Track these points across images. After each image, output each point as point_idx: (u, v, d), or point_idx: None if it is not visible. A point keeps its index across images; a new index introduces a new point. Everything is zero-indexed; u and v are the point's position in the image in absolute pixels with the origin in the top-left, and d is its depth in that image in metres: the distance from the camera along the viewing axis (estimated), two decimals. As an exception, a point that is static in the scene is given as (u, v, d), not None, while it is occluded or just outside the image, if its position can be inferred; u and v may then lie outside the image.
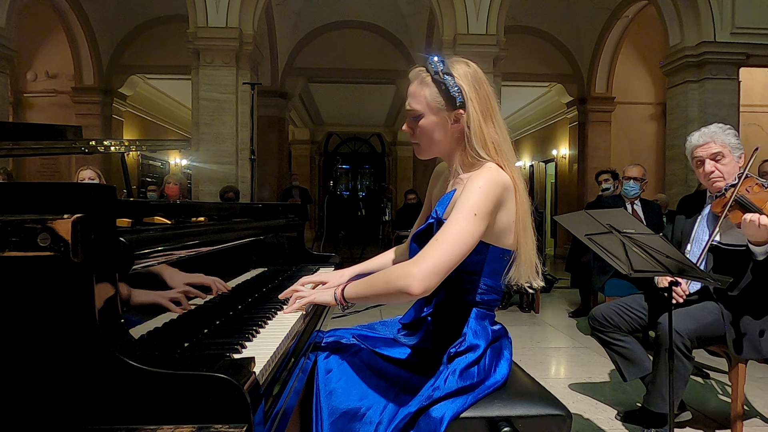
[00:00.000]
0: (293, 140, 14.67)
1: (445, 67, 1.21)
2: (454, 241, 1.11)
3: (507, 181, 1.19)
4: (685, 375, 2.08)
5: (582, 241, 1.81)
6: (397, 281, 1.10)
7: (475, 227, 1.12)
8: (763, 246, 1.95)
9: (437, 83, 1.21)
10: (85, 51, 8.78)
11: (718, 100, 6.63)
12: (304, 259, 2.37)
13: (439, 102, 1.22)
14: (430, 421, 1.13)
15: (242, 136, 6.51)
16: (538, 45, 9.57)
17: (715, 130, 2.18)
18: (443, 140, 1.25)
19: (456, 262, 1.12)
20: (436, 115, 1.23)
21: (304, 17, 9.49)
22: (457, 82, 1.20)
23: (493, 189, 1.16)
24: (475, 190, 1.15)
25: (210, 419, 0.72)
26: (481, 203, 1.13)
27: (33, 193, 0.77)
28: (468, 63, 1.25)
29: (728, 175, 2.14)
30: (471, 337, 1.22)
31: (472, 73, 1.23)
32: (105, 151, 2.14)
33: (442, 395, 1.15)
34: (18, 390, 0.73)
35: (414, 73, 1.26)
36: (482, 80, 1.24)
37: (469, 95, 1.20)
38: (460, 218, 1.12)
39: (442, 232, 1.13)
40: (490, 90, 1.25)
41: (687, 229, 2.34)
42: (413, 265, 1.10)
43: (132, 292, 0.89)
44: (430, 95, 1.22)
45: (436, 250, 1.10)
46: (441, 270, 1.09)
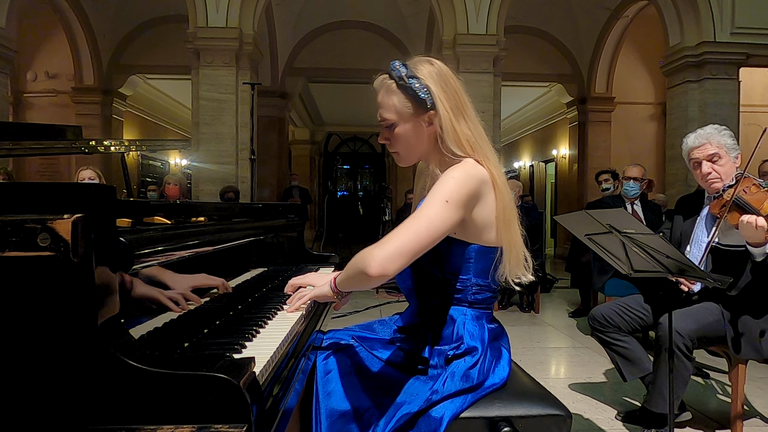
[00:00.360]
0: (293, 140, 14.67)
1: (408, 70, 1.18)
2: (423, 225, 1.07)
3: (484, 174, 1.16)
4: (685, 375, 2.09)
5: (582, 241, 1.81)
6: (359, 262, 1.08)
7: (446, 213, 1.09)
8: (760, 247, 1.95)
9: (403, 89, 1.18)
10: (85, 51, 8.78)
11: (718, 100, 6.63)
12: (304, 259, 2.37)
13: (409, 107, 1.19)
14: (429, 421, 1.13)
15: (242, 136, 6.51)
16: (538, 45, 9.57)
17: (711, 132, 2.18)
18: (420, 145, 1.23)
19: (423, 247, 1.08)
20: (408, 121, 1.20)
21: (304, 17, 9.49)
22: (424, 83, 1.17)
23: (468, 180, 1.13)
24: (448, 180, 1.13)
25: (210, 419, 0.72)
26: (453, 191, 1.11)
27: (33, 193, 0.77)
28: (431, 61, 1.22)
29: (725, 176, 2.14)
30: (468, 340, 1.22)
31: (437, 71, 1.20)
32: (105, 151, 2.14)
33: (441, 398, 1.15)
34: (18, 390, 0.73)
35: (378, 82, 1.23)
36: (448, 76, 1.21)
37: (437, 95, 1.17)
38: (431, 203, 1.10)
39: (411, 217, 1.10)
40: (458, 84, 1.22)
41: (686, 229, 2.33)
42: (377, 247, 1.07)
43: (132, 292, 0.89)
44: (399, 102, 1.19)
45: (403, 233, 1.07)
46: (405, 253, 1.05)
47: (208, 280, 1.25)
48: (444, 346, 1.23)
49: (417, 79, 1.18)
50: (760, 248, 1.95)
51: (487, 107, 6.70)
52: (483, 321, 1.27)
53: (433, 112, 1.18)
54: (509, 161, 14.68)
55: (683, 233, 2.34)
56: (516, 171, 13.43)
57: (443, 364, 1.20)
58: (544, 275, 5.65)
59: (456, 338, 1.23)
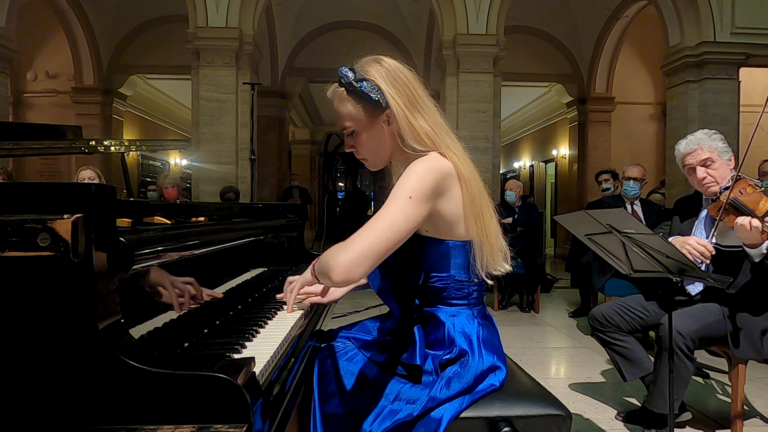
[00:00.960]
0: (293, 140, 14.67)
1: (356, 74, 1.16)
2: (386, 224, 1.04)
3: (447, 167, 1.13)
4: (686, 375, 2.09)
5: (582, 241, 1.81)
6: (324, 265, 1.06)
7: (410, 209, 1.06)
8: (757, 248, 1.95)
9: (354, 93, 1.16)
10: (85, 51, 8.79)
11: (718, 100, 6.63)
12: (304, 259, 2.37)
13: (364, 111, 1.17)
14: (429, 422, 1.13)
15: (242, 136, 6.51)
16: (538, 45, 9.58)
17: (702, 137, 2.20)
18: (385, 146, 1.21)
19: (389, 247, 1.04)
20: (367, 125, 1.18)
21: (304, 17, 9.49)
22: (374, 84, 1.15)
23: (430, 174, 1.10)
24: (411, 175, 1.09)
25: (210, 419, 0.72)
26: (416, 186, 1.07)
27: (33, 193, 0.77)
28: (379, 60, 1.19)
29: (721, 179, 2.16)
30: (460, 342, 1.21)
31: (386, 69, 1.17)
32: (105, 151, 2.14)
33: (437, 404, 1.14)
34: (18, 390, 0.73)
35: (330, 92, 1.21)
36: (398, 72, 1.17)
37: (388, 93, 1.14)
38: (394, 201, 1.07)
39: (375, 216, 1.06)
40: (411, 78, 1.18)
41: (685, 231, 2.34)
42: (341, 249, 1.03)
43: (132, 292, 0.89)
44: (354, 108, 1.17)
45: (367, 235, 1.03)
46: (371, 256, 1.02)
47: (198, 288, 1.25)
48: (437, 351, 1.21)
49: (366, 81, 1.15)
50: (757, 249, 1.95)
51: (487, 107, 6.70)
52: (473, 318, 1.24)
53: (389, 111, 1.16)
54: (509, 161, 14.68)
55: (682, 234, 2.35)
56: (516, 171, 13.45)
57: (438, 370, 1.18)
58: (544, 275, 5.65)
59: (448, 342, 1.21)
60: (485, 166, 6.51)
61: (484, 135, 6.71)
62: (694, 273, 1.69)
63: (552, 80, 10.04)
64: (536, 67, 9.66)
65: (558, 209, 11.22)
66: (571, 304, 5.39)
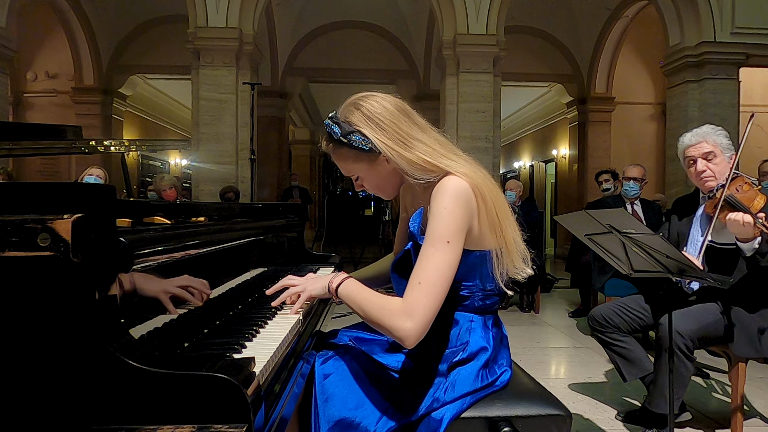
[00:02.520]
0: (293, 140, 14.67)
1: (342, 127, 1.17)
2: (436, 280, 1.07)
3: (466, 190, 1.13)
4: (686, 376, 2.09)
5: (582, 241, 1.81)
6: (392, 332, 1.08)
7: (451, 255, 1.09)
8: (749, 243, 1.97)
9: (349, 147, 1.18)
10: (85, 51, 8.79)
11: (718, 100, 6.63)
12: (304, 259, 2.37)
13: (362, 160, 1.20)
14: (429, 422, 1.12)
15: (242, 136, 6.52)
16: (538, 45, 9.58)
17: (708, 131, 2.21)
18: (390, 181, 1.24)
19: (443, 298, 1.09)
20: (369, 169, 1.21)
21: (304, 17, 9.50)
22: (361, 135, 1.16)
23: (459, 204, 1.11)
24: (441, 212, 1.10)
25: (210, 419, 0.72)
26: (450, 226, 1.09)
27: (33, 193, 0.77)
28: (358, 105, 1.19)
29: (719, 175, 2.16)
30: (472, 346, 1.21)
31: (365, 115, 1.17)
32: (105, 151, 2.14)
33: (441, 405, 1.14)
34: (18, 390, 0.73)
35: (324, 147, 1.23)
36: (378, 113, 1.17)
37: (375, 139, 1.15)
38: (435, 252, 1.08)
39: (422, 270, 1.08)
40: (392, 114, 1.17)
41: (683, 230, 2.35)
42: (406, 318, 1.06)
43: (132, 291, 0.89)
44: (353, 159, 1.21)
45: (423, 298, 1.06)
46: (432, 315, 1.07)
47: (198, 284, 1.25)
48: (448, 351, 1.21)
49: (353, 133, 1.16)
50: (749, 244, 1.98)
51: (487, 107, 6.70)
52: (489, 325, 1.26)
53: (381, 156, 1.18)
54: (509, 161, 14.68)
55: (680, 233, 2.36)
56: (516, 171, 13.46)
57: (445, 372, 1.19)
58: (544, 275, 5.65)
59: (460, 343, 1.22)
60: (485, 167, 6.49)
61: (484, 135, 6.72)
62: (694, 273, 1.69)
63: (552, 80, 10.05)
64: (536, 67, 9.66)
65: (558, 209, 11.22)
66: (571, 304, 5.39)
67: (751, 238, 1.95)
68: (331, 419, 1.18)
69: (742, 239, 1.97)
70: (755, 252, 1.96)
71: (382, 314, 1.10)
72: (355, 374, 1.24)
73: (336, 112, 1.21)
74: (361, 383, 1.22)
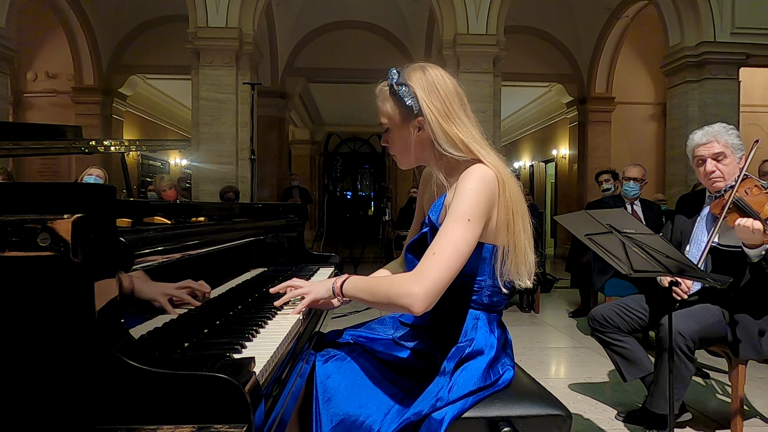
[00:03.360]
0: (293, 140, 14.67)
1: (400, 77, 1.22)
2: (451, 252, 1.09)
3: (493, 177, 1.17)
4: (687, 376, 2.08)
5: (582, 241, 1.81)
6: (399, 299, 1.09)
7: (470, 233, 1.11)
8: (756, 249, 1.94)
9: (394, 95, 1.22)
10: (85, 51, 8.79)
11: (718, 100, 6.63)
12: (304, 259, 2.37)
13: (399, 113, 1.23)
14: (430, 422, 1.12)
15: (242, 136, 6.51)
16: (538, 45, 9.58)
17: (719, 130, 2.16)
18: (414, 149, 1.26)
19: (455, 273, 1.11)
20: (399, 126, 1.25)
21: (304, 17, 9.49)
22: (412, 91, 1.20)
23: (484, 189, 1.14)
24: (466, 192, 1.13)
25: (210, 419, 0.72)
26: (474, 206, 1.12)
27: (33, 193, 0.77)
28: (424, 68, 1.24)
29: (728, 176, 2.12)
30: (478, 344, 1.21)
31: (427, 78, 1.21)
32: (105, 151, 2.14)
33: (444, 405, 1.14)
34: (18, 390, 0.73)
35: (377, 88, 1.28)
36: (437, 82, 1.21)
37: (423, 100, 1.19)
38: (455, 226, 1.11)
39: (437, 243, 1.11)
40: (450, 89, 1.22)
41: (686, 229, 2.33)
42: (414, 283, 1.08)
43: (132, 292, 0.89)
44: (391, 108, 1.24)
45: (435, 266, 1.09)
46: (442, 285, 1.09)
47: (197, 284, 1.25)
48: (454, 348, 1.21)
49: (406, 86, 1.21)
50: (756, 250, 1.95)
51: (487, 107, 6.70)
52: (494, 325, 1.25)
53: (421, 118, 1.20)
54: (509, 161, 14.63)
55: (683, 232, 2.34)
56: (516, 171, 13.45)
57: (450, 371, 1.18)
58: (544, 275, 5.65)
59: (466, 340, 1.21)
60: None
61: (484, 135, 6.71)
62: (694, 273, 1.68)
63: (552, 80, 10.05)
64: (536, 67, 9.66)
65: (558, 209, 11.22)
66: (571, 304, 5.39)
67: (758, 245, 1.91)
68: (334, 418, 1.18)
69: (749, 245, 1.94)
70: (761, 258, 1.94)
71: (390, 286, 1.12)
72: (358, 374, 1.24)
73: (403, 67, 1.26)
74: (364, 382, 1.22)
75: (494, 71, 6.80)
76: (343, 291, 1.24)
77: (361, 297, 1.21)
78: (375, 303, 1.17)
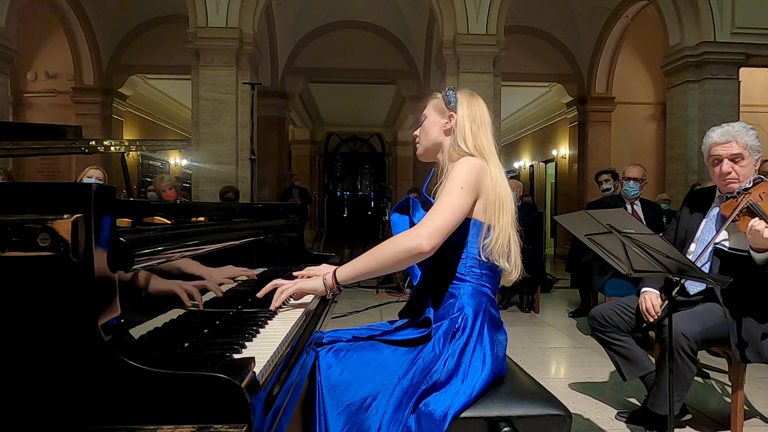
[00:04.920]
0: (293, 140, 14.67)
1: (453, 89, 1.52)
2: (449, 209, 1.29)
3: (483, 165, 1.40)
4: (689, 377, 2.07)
5: (582, 241, 1.81)
6: (405, 243, 1.27)
7: (464, 198, 1.32)
8: (764, 253, 1.92)
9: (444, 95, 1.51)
10: (85, 51, 8.79)
11: (718, 100, 6.63)
12: (304, 259, 2.36)
13: (439, 106, 1.51)
14: (432, 420, 1.13)
15: (242, 136, 6.51)
16: (538, 45, 9.58)
17: (739, 130, 2.08)
18: (436, 137, 1.49)
19: (452, 227, 1.29)
20: (434, 115, 1.51)
21: (304, 17, 9.49)
22: (457, 96, 1.49)
23: (473, 169, 1.36)
24: (458, 171, 1.35)
25: (210, 419, 0.72)
26: (465, 179, 1.34)
27: (33, 193, 0.77)
28: (471, 93, 1.52)
29: (744, 178, 2.06)
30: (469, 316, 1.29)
31: (471, 95, 1.50)
32: (105, 151, 2.14)
33: (444, 379, 1.20)
34: (18, 390, 0.73)
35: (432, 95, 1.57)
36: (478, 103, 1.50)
37: (461, 103, 1.47)
38: (451, 192, 1.32)
39: (437, 205, 1.31)
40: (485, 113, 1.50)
41: (692, 227, 2.28)
42: (418, 228, 1.27)
43: (132, 292, 0.89)
44: (436, 102, 1.53)
45: (436, 217, 1.28)
46: (443, 231, 1.27)
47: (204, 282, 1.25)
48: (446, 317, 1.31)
49: (455, 92, 1.51)
50: (763, 254, 1.92)
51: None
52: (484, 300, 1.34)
53: (452, 113, 1.47)
54: (509, 161, 14.68)
55: (689, 231, 2.29)
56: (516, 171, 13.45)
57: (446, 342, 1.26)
58: (544, 275, 5.65)
59: (457, 309, 1.32)
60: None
61: (484, 135, 6.71)
62: (694, 273, 1.68)
63: (552, 80, 10.04)
64: (536, 67, 9.66)
65: (558, 209, 11.22)
66: (571, 304, 5.39)
67: (766, 249, 1.90)
68: (339, 405, 1.21)
69: (757, 248, 1.92)
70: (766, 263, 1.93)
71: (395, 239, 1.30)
72: (359, 360, 1.28)
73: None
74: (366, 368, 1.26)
75: (494, 71, 6.80)
76: (338, 277, 1.34)
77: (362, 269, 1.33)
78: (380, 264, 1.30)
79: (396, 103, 13.37)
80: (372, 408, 1.17)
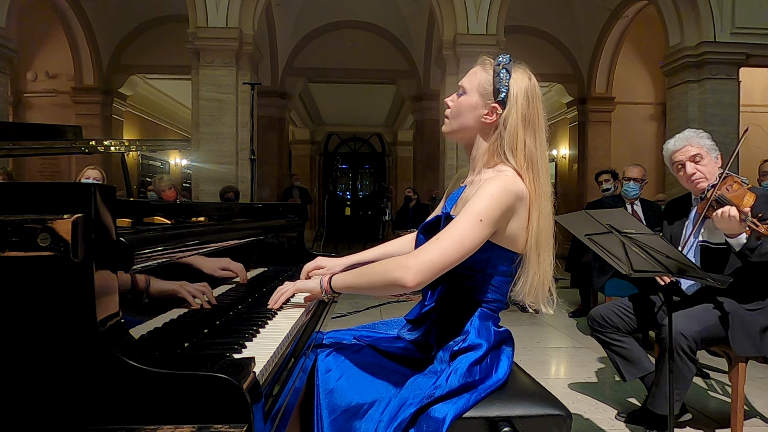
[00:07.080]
0: (293, 140, 14.68)
1: (509, 64, 1.24)
2: (454, 243, 1.11)
3: (521, 190, 1.17)
4: (688, 377, 2.08)
5: (582, 241, 1.81)
6: (392, 272, 1.12)
7: (478, 232, 1.12)
8: (737, 238, 1.99)
9: (495, 73, 1.24)
10: (85, 51, 8.79)
11: (718, 100, 6.63)
12: (304, 259, 2.36)
13: (485, 88, 1.24)
14: (431, 421, 1.13)
15: (242, 136, 6.52)
16: (538, 45, 9.58)
17: (690, 134, 2.26)
18: (469, 125, 1.26)
19: (452, 263, 1.13)
20: (474, 97, 1.25)
21: (304, 17, 9.50)
22: (510, 82, 1.22)
23: (504, 196, 1.14)
24: (485, 195, 1.14)
25: (210, 419, 0.72)
26: (489, 209, 1.13)
27: (33, 193, 0.77)
28: (530, 76, 1.26)
29: (710, 175, 2.20)
30: (474, 336, 1.21)
31: (529, 85, 1.23)
32: (105, 151, 2.14)
33: (444, 394, 1.14)
34: (18, 390, 0.73)
35: (481, 58, 1.30)
36: (536, 96, 1.24)
37: (515, 98, 1.21)
38: (465, 221, 1.13)
39: (444, 231, 1.14)
40: (542, 110, 1.24)
41: (676, 232, 2.37)
42: (410, 258, 1.12)
43: (132, 292, 0.89)
44: (482, 78, 1.25)
45: (435, 248, 1.12)
46: (436, 268, 1.11)
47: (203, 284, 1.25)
48: (449, 339, 1.22)
49: (509, 74, 1.23)
50: (736, 239, 1.99)
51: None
52: (490, 322, 1.26)
53: (496, 106, 1.22)
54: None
55: (673, 236, 2.37)
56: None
57: (447, 360, 1.19)
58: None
59: (462, 332, 1.23)
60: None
61: (484, 135, 6.72)
62: (694, 273, 1.69)
63: (552, 80, 10.05)
64: (536, 67, 9.38)
65: (558, 209, 11.19)
66: (571, 304, 5.38)
67: (738, 233, 1.97)
68: (335, 410, 1.19)
69: (730, 234, 2.00)
70: (743, 247, 1.99)
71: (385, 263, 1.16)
72: (359, 366, 1.25)
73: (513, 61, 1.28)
74: (365, 374, 1.23)
75: (494, 71, 6.79)
76: (332, 284, 1.26)
77: (352, 283, 1.24)
78: (367, 284, 1.20)
79: (396, 103, 13.38)
80: (367, 415, 1.16)
